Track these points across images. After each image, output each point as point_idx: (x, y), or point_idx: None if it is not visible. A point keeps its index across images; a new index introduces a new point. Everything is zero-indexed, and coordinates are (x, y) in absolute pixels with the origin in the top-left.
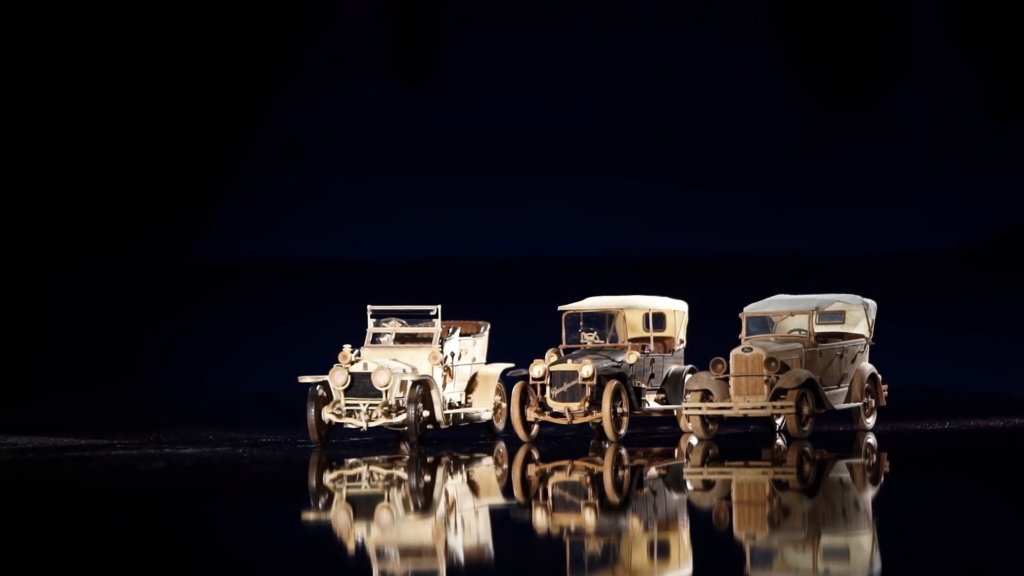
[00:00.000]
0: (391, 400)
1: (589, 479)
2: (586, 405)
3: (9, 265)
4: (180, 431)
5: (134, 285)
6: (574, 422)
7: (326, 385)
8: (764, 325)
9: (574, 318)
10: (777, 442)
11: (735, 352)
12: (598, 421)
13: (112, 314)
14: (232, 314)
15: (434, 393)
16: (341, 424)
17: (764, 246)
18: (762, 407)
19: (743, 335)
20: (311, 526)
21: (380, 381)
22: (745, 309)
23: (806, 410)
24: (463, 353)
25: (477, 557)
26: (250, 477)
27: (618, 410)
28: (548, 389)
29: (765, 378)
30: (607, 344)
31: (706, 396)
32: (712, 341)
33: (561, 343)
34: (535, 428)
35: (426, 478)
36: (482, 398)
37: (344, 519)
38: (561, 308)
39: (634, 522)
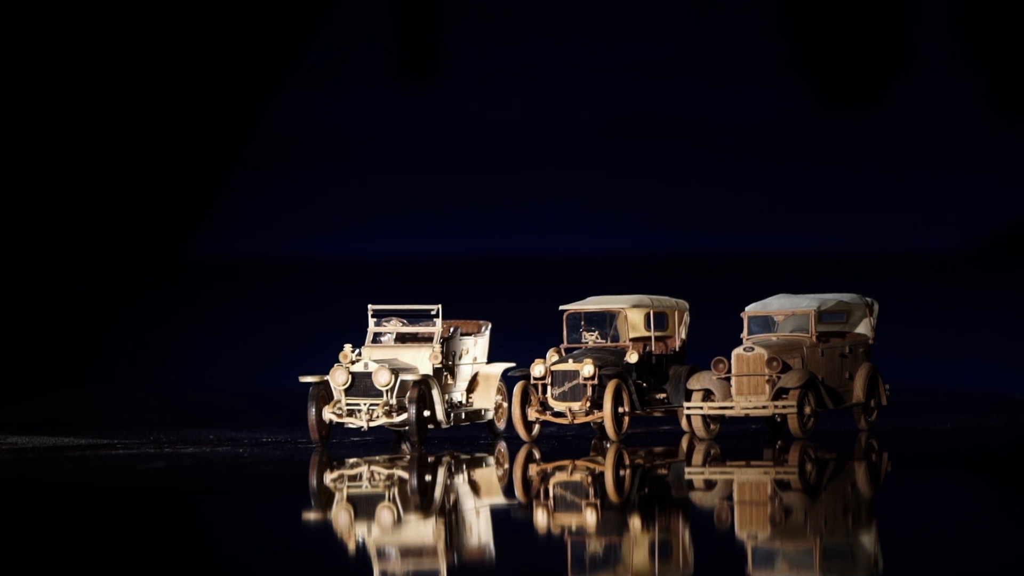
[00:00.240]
0: (392, 400)
1: (590, 479)
2: (587, 405)
3: (8, 264)
4: (180, 430)
5: (134, 284)
6: (575, 422)
7: (327, 385)
8: (766, 324)
9: (575, 317)
10: (779, 442)
11: (737, 352)
12: (599, 421)
13: (112, 313)
14: (233, 313)
15: (435, 393)
16: (342, 424)
17: (766, 245)
18: (764, 407)
19: (745, 334)
20: (312, 526)
21: (381, 381)
22: (747, 308)
23: (808, 410)
24: (464, 353)
25: (478, 557)
26: (251, 477)
27: (619, 410)
28: (549, 389)
29: (767, 378)
30: (608, 344)
31: (708, 396)
32: (714, 341)
33: (562, 342)
34: (536, 428)
35: (427, 478)
36: (483, 398)
37: (345, 519)
38: (562, 307)
39: (635, 522)
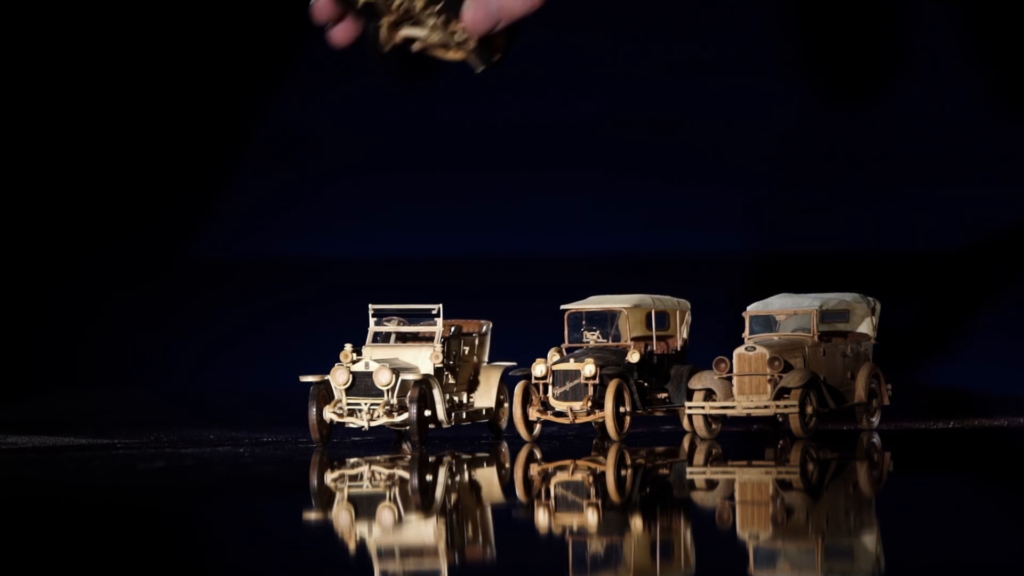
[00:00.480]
0: (393, 399)
1: (592, 479)
2: (589, 404)
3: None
4: (180, 430)
5: (133, 283)
6: (576, 421)
7: (328, 384)
8: (767, 324)
9: (576, 317)
10: (780, 441)
11: (738, 351)
12: (601, 420)
13: (111, 312)
14: (232, 312)
15: (436, 392)
16: (343, 423)
17: (767, 244)
18: (765, 406)
19: (746, 334)
20: (312, 526)
21: (382, 380)
22: (748, 308)
23: (809, 409)
24: (465, 352)
25: (479, 557)
26: (251, 476)
27: (621, 409)
28: (550, 388)
29: (768, 377)
30: (610, 343)
31: (709, 395)
32: (715, 340)
33: (564, 342)
34: (537, 427)
35: (428, 477)
36: (484, 397)
37: (345, 519)
38: (563, 307)
39: (637, 522)
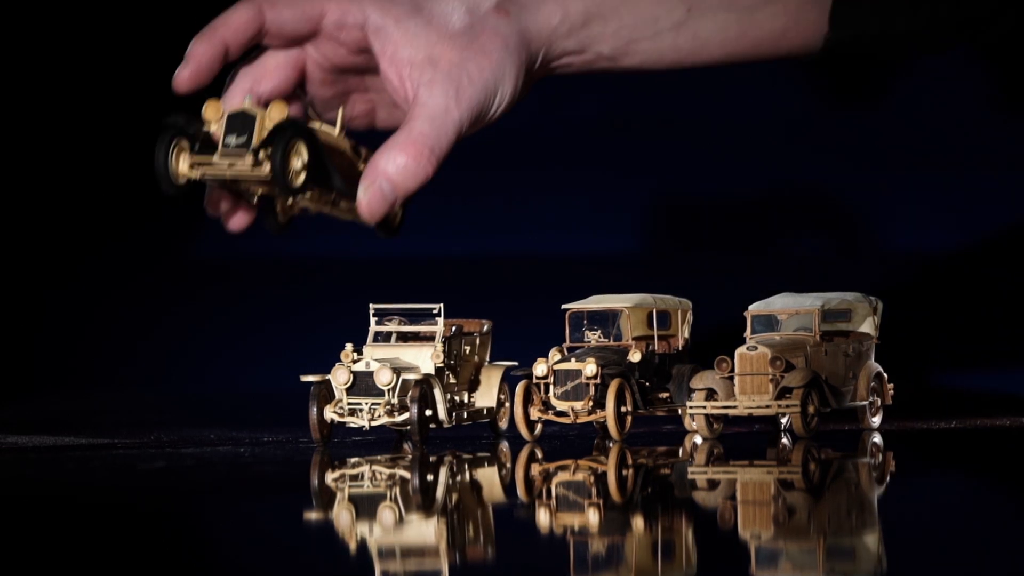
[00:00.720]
0: (394, 399)
1: (593, 478)
2: (590, 404)
3: (8, 264)
4: (181, 430)
5: (134, 282)
6: (578, 421)
7: (328, 384)
8: (769, 323)
9: (578, 316)
10: (782, 441)
11: (740, 351)
12: (602, 420)
13: (112, 313)
14: (233, 312)
15: (437, 392)
16: (343, 423)
17: (768, 244)
18: (767, 406)
19: (748, 333)
20: (313, 525)
21: (383, 380)
22: (750, 307)
23: (811, 409)
24: (466, 352)
25: (480, 557)
26: (251, 476)
27: (622, 409)
28: (552, 388)
29: (770, 377)
30: (611, 343)
31: (711, 395)
32: (717, 340)
33: (565, 342)
34: (539, 427)
35: (429, 477)
36: (485, 397)
37: (346, 519)
38: (565, 306)
39: (638, 521)
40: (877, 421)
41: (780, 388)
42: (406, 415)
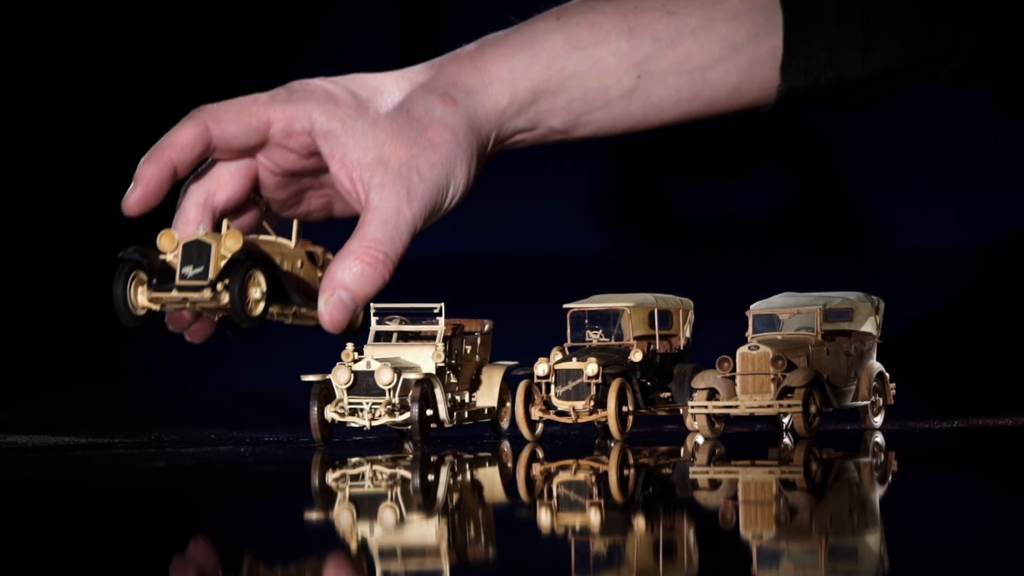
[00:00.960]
0: (394, 399)
1: (594, 478)
2: (591, 404)
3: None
4: (181, 430)
5: None
6: (579, 421)
7: (329, 384)
8: (771, 323)
9: (579, 316)
10: (784, 441)
11: (741, 350)
12: (603, 420)
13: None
14: None
15: (438, 392)
16: (344, 423)
17: (769, 243)
18: (769, 406)
19: (749, 333)
20: (314, 525)
21: (383, 379)
22: (752, 307)
23: (813, 409)
24: (467, 351)
25: (481, 557)
26: (252, 476)
27: (623, 409)
28: (553, 388)
29: (772, 376)
30: (612, 342)
31: (712, 395)
32: (718, 339)
33: (566, 341)
34: (540, 427)
35: (430, 477)
36: (486, 397)
37: (347, 518)
38: (566, 306)
39: (639, 521)
40: (879, 421)
41: (782, 388)
42: (407, 415)
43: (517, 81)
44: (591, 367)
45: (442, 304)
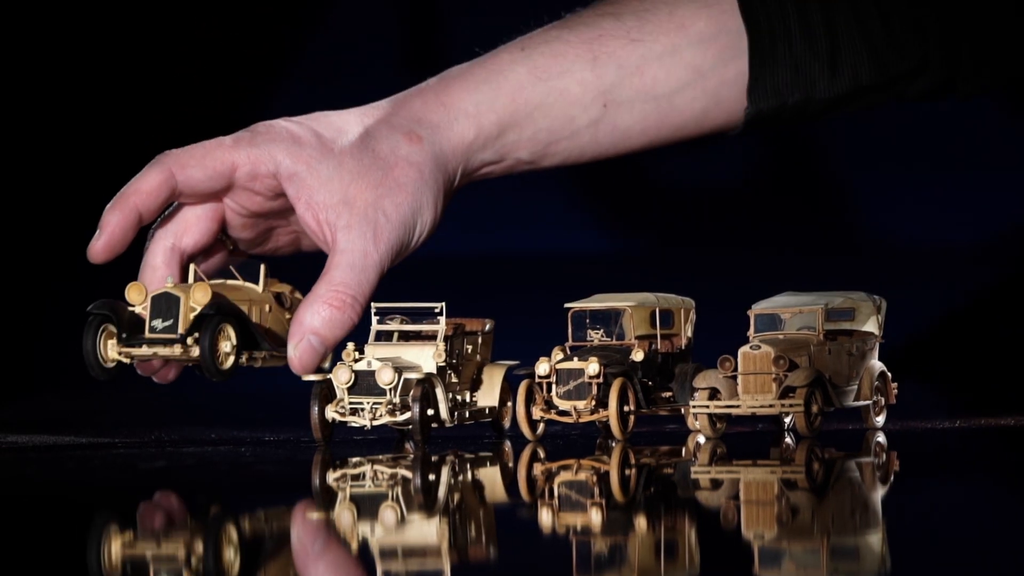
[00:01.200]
0: (395, 398)
1: (596, 478)
2: (592, 403)
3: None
4: (181, 430)
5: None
6: (580, 420)
7: (330, 383)
8: (772, 323)
9: (580, 315)
10: (785, 440)
11: (743, 350)
12: (605, 419)
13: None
14: None
15: (439, 391)
16: (345, 423)
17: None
18: (770, 405)
19: (751, 332)
20: (314, 525)
21: (384, 379)
22: (753, 306)
23: (815, 408)
24: (468, 351)
25: (482, 557)
26: (253, 476)
27: (625, 408)
28: (554, 387)
29: (773, 376)
30: (614, 342)
31: (714, 394)
32: (720, 339)
33: (567, 341)
34: (541, 427)
35: (431, 477)
36: (487, 396)
37: (348, 518)
38: (568, 305)
39: (641, 521)
40: (881, 420)
41: (784, 387)
42: (408, 414)
43: (482, 115)
44: (592, 367)
45: (443, 303)
